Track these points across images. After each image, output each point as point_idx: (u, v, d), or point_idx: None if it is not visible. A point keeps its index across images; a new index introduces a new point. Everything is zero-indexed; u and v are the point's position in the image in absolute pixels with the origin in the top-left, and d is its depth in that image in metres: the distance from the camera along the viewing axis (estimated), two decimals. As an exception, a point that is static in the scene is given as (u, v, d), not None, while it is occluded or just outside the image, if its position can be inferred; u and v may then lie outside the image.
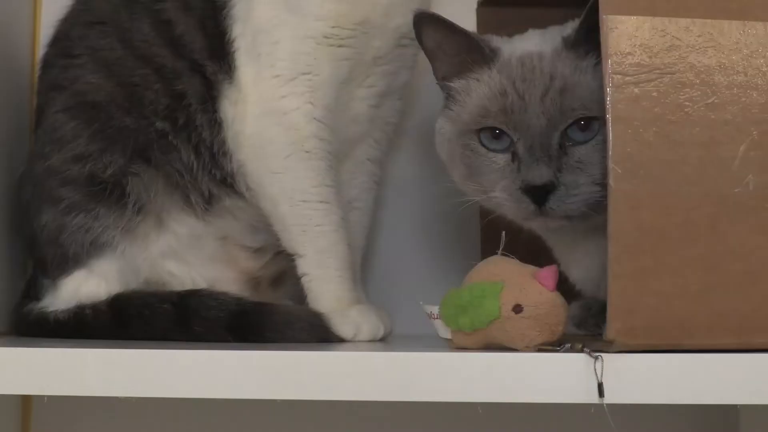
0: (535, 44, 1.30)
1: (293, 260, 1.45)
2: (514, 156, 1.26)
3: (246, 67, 1.44)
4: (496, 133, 1.27)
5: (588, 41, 1.23)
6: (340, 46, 1.42)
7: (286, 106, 1.42)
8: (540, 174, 1.23)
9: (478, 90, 1.29)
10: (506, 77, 1.27)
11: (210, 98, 1.45)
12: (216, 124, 1.45)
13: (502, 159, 1.27)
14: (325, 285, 1.43)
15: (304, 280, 1.44)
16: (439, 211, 1.66)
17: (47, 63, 1.54)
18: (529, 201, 1.24)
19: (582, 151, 1.24)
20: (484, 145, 1.28)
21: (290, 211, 1.43)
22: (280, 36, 1.42)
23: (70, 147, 1.45)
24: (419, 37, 1.32)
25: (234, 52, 1.44)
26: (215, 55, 1.45)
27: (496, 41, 1.33)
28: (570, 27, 1.30)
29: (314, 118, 1.42)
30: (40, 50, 1.59)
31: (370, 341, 1.40)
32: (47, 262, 1.46)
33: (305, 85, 1.42)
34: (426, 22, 1.30)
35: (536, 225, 1.31)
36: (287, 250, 1.45)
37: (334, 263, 1.43)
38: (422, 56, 1.38)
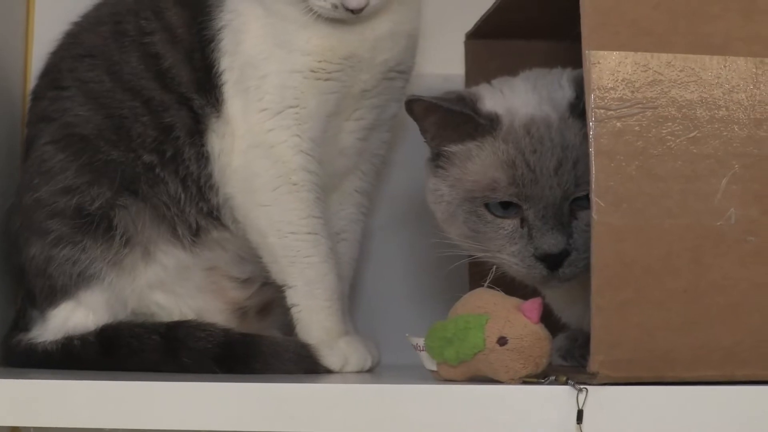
0: (533, 106, 1.27)
1: (280, 290, 1.45)
2: (523, 222, 1.24)
3: (233, 100, 1.45)
4: (504, 202, 1.25)
5: None
6: (327, 79, 1.43)
7: (273, 139, 1.43)
8: (556, 242, 1.22)
9: (482, 157, 1.26)
10: (514, 147, 1.24)
11: (197, 132, 1.46)
12: (203, 157, 1.46)
13: (510, 225, 1.25)
14: (314, 316, 1.43)
15: (293, 310, 1.44)
16: (427, 243, 1.67)
17: (37, 95, 1.55)
18: (543, 267, 1.23)
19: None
20: (491, 212, 1.26)
21: (279, 243, 1.43)
22: (267, 70, 1.43)
23: (58, 179, 1.45)
24: (411, 115, 1.29)
25: (222, 85, 1.45)
26: (203, 88, 1.46)
27: (481, 94, 1.30)
28: (564, 78, 1.29)
29: (301, 151, 1.43)
30: (32, 82, 1.60)
31: (357, 372, 1.40)
32: (35, 293, 1.46)
33: (292, 118, 1.43)
34: (416, 104, 1.28)
35: (543, 287, 1.31)
36: (276, 281, 1.46)
37: (323, 294, 1.43)
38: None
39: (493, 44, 1.56)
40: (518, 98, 1.29)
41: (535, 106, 1.27)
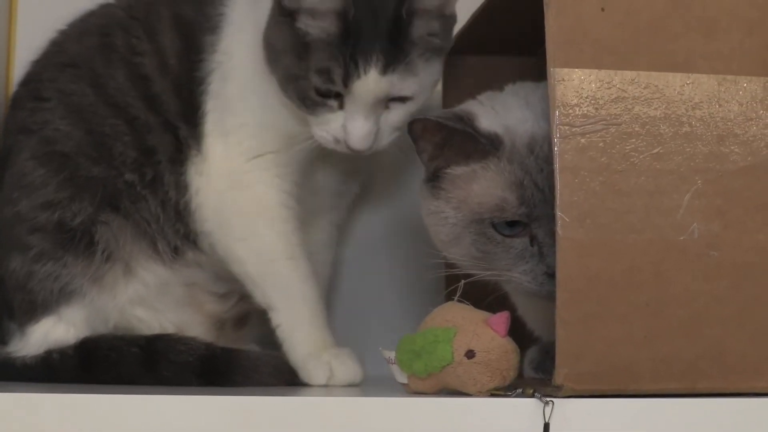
0: (531, 123, 1.26)
1: (257, 304, 1.47)
2: (533, 240, 1.23)
3: (214, 140, 1.46)
4: (513, 221, 1.24)
5: None
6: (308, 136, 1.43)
7: (252, 179, 1.45)
8: None
9: (487, 178, 1.25)
10: (519, 167, 1.23)
11: (179, 160, 1.47)
12: (182, 186, 1.47)
13: (519, 244, 1.24)
14: (297, 334, 1.44)
15: (277, 331, 1.45)
16: (404, 257, 1.68)
17: (16, 103, 1.54)
18: (554, 283, 1.20)
19: None
20: (499, 233, 1.25)
21: (258, 271, 1.45)
22: (247, 117, 1.45)
23: (39, 194, 1.45)
24: (411, 134, 1.28)
25: (204, 124, 1.46)
26: (189, 121, 1.47)
27: (475, 112, 1.29)
28: None
29: (281, 191, 1.45)
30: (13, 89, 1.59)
31: (347, 386, 1.41)
32: (15, 307, 1.46)
33: (272, 162, 1.45)
34: (417, 125, 1.26)
35: (553, 300, 1.31)
36: (260, 304, 1.47)
37: (306, 313, 1.45)
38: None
39: (469, 60, 1.58)
40: (513, 116, 1.28)
41: (533, 123, 1.26)
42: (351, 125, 1.38)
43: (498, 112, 1.29)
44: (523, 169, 1.23)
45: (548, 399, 1.10)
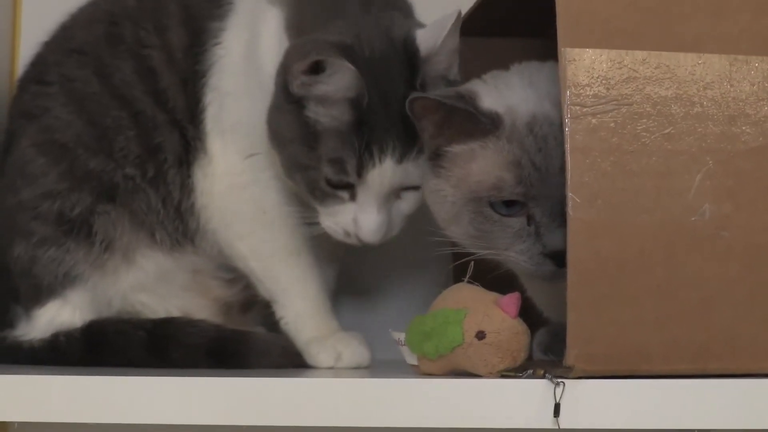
0: (533, 103, 1.26)
1: None
2: (530, 219, 1.24)
3: (214, 138, 1.44)
4: (509, 200, 1.25)
5: None
6: None
7: (248, 180, 1.44)
8: (563, 240, 1.19)
9: (485, 157, 1.25)
10: (518, 147, 1.23)
11: (186, 161, 1.45)
12: (188, 188, 1.46)
13: (516, 223, 1.24)
14: (300, 325, 1.44)
15: (281, 323, 1.45)
16: (413, 239, 1.67)
17: (22, 85, 1.54)
18: (551, 263, 1.23)
19: None
20: (497, 212, 1.25)
21: (260, 266, 1.45)
22: (241, 116, 1.43)
23: (40, 183, 1.45)
24: (411, 113, 1.27)
25: (205, 121, 1.45)
26: (194, 119, 1.45)
27: (478, 91, 1.29)
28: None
29: (278, 191, 1.43)
30: (19, 70, 1.59)
31: (355, 368, 1.41)
32: (20, 292, 1.46)
33: (268, 161, 1.43)
34: (418, 104, 1.26)
35: (550, 280, 1.30)
36: (264, 296, 1.47)
37: (309, 305, 1.44)
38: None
39: (475, 42, 1.56)
40: (516, 95, 1.28)
41: (536, 103, 1.26)
42: (363, 218, 1.36)
43: (501, 91, 1.29)
44: (522, 149, 1.23)
45: (559, 380, 1.10)
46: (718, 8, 1.13)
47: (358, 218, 1.36)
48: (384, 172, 1.33)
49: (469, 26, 1.49)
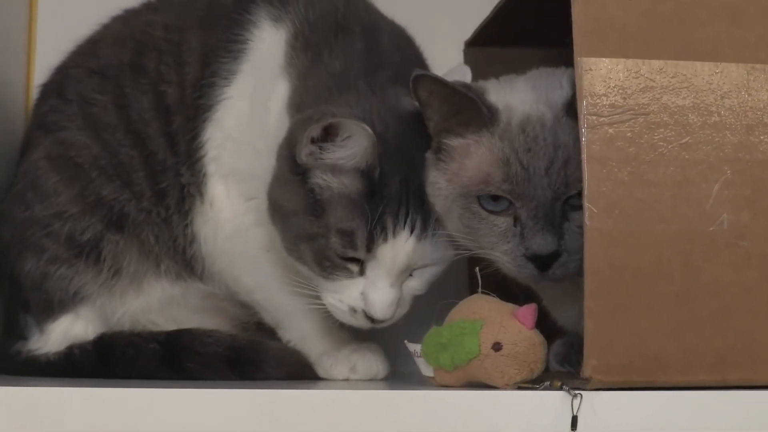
0: (530, 104, 1.27)
1: None
2: (516, 220, 1.24)
3: (216, 182, 1.43)
4: (497, 196, 1.25)
5: None
6: None
7: (251, 221, 1.42)
8: (545, 243, 1.21)
9: (478, 153, 1.26)
10: (508, 145, 1.24)
11: (184, 211, 1.44)
12: (190, 236, 1.45)
13: (503, 222, 1.25)
14: (309, 341, 1.43)
15: (289, 345, 1.44)
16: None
17: (44, 92, 1.53)
18: (533, 267, 1.23)
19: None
20: (484, 208, 1.26)
21: (265, 298, 1.45)
22: (243, 162, 1.41)
23: (52, 202, 1.44)
24: (416, 94, 1.27)
25: (204, 159, 1.43)
26: (190, 160, 1.43)
27: (487, 87, 1.31)
28: (565, 78, 1.29)
29: None
30: (35, 81, 1.59)
31: (369, 380, 1.40)
32: (31, 305, 1.46)
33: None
34: (422, 81, 1.26)
35: (535, 285, 1.32)
36: (269, 324, 1.46)
37: (315, 323, 1.42)
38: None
39: (491, 52, 1.57)
40: (517, 96, 1.29)
41: (532, 104, 1.27)
42: (373, 292, 1.30)
43: (504, 91, 1.31)
44: (512, 148, 1.24)
45: (576, 392, 1.09)
46: (735, 16, 1.13)
47: (368, 293, 1.30)
48: (397, 248, 1.29)
49: (486, 36, 1.50)
